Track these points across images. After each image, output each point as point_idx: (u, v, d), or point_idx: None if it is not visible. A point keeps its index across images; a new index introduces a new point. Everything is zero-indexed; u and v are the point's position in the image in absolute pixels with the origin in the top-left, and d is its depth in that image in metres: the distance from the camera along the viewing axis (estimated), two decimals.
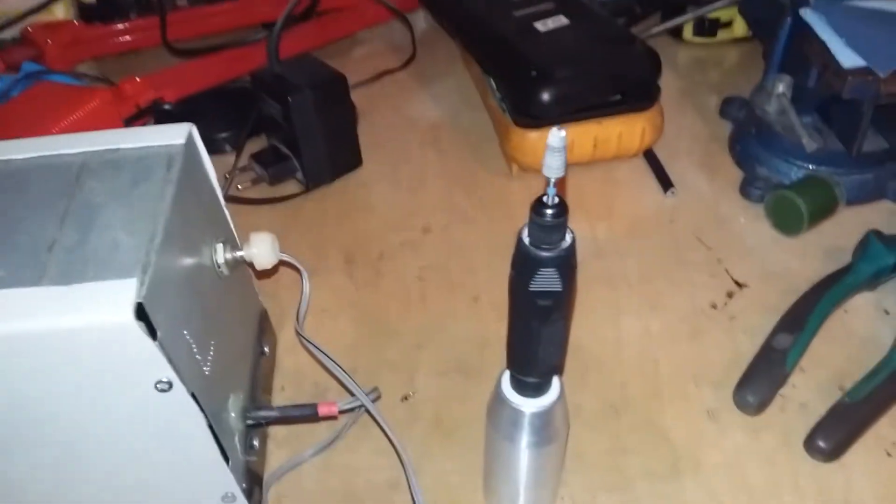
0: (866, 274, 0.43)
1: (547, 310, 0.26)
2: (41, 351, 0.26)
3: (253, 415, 0.35)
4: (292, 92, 0.50)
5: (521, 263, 0.25)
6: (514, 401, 0.30)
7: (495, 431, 0.32)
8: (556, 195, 0.24)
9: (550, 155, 0.23)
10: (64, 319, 0.25)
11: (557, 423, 0.31)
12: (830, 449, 0.37)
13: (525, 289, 0.25)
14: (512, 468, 0.33)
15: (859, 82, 0.45)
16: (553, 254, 0.25)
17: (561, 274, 0.25)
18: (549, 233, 0.24)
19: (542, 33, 0.53)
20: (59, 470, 0.32)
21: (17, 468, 0.31)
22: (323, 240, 0.51)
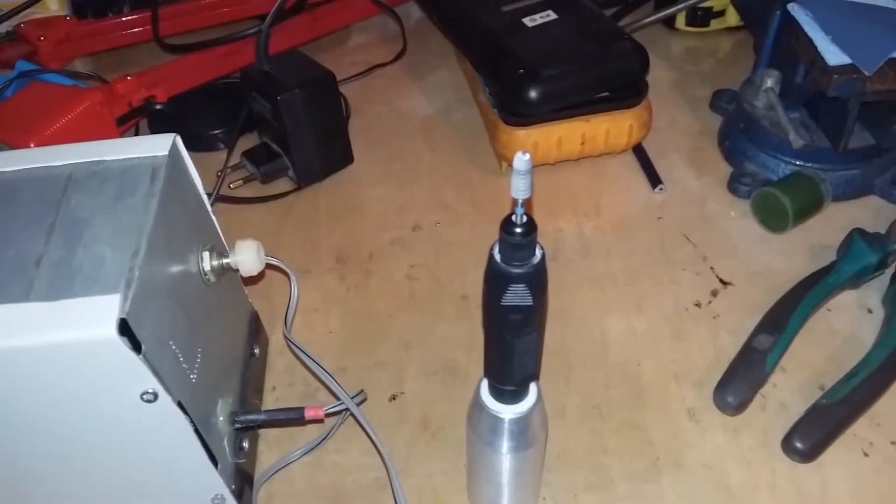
0: (849, 273, 0.44)
1: (519, 323, 0.27)
2: (30, 365, 0.27)
3: (241, 418, 0.36)
4: (281, 91, 0.50)
5: (493, 279, 0.26)
6: (492, 407, 0.31)
7: (476, 437, 0.32)
8: (524, 214, 0.24)
9: (516, 177, 0.23)
10: (51, 335, 0.26)
11: (535, 428, 0.32)
12: (807, 450, 0.37)
13: (497, 303, 0.26)
14: (493, 472, 0.33)
15: (845, 80, 0.45)
16: (523, 270, 0.25)
17: (531, 289, 0.26)
18: (518, 250, 0.25)
19: (530, 29, 0.53)
20: (50, 479, 0.33)
21: (9, 477, 0.32)
22: (314, 239, 0.52)
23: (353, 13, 0.70)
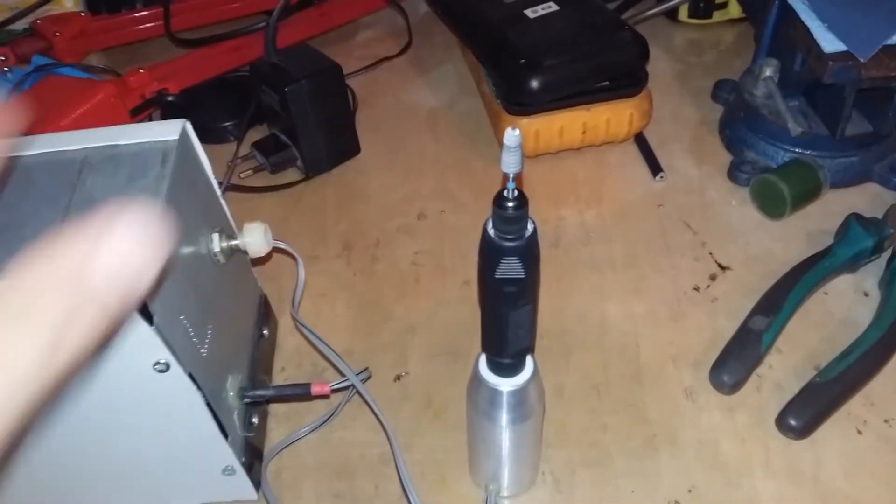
0: (845, 257, 0.45)
1: (513, 295, 0.28)
2: None
3: (250, 393, 0.37)
4: (289, 82, 0.52)
5: (487, 253, 0.27)
6: (490, 381, 0.32)
7: (475, 411, 0.34)
8: (516, 189, 0.25)
9: (507, 153, 0.24)
10: None
11: (532, 400, 0.33)
12: (801, 427, 0.38)
13: (491, 276, 0.27)
14: (493, 445, 0.35)
15: (840, 67, 0.46)
16: (515, 243, 0.26)
17: (523, 262, 0.27)
18: (510, 224, 0.26)
19: (532, 20, 0.54)
20: (64, 448, 0.34)
21: (32, 444, 0.34)
22: (322, 226, 0.53)
23: (360, 7, 0.72)
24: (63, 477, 0.36)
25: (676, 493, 0.37)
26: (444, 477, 0.39)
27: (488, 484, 0.37)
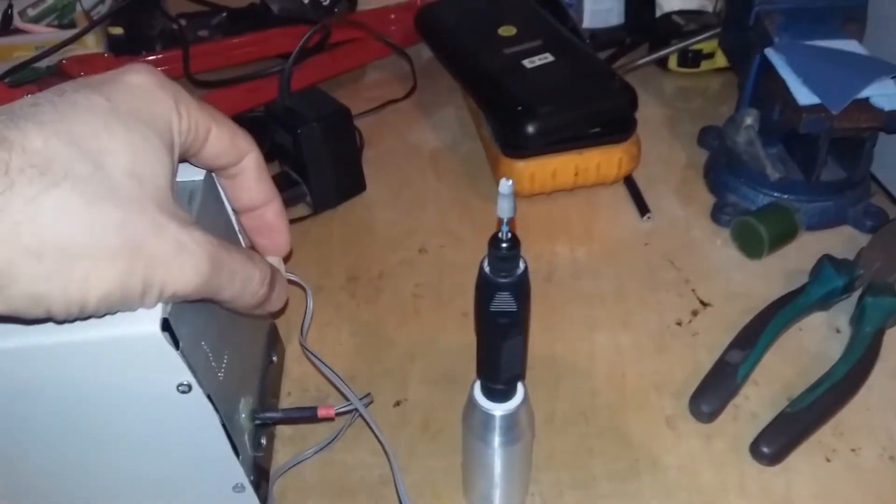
0: (817, 295, 0.48)
1: (505, 327, 0.31)
2: (83, 358, 0.31)
3: (260, 416, 0.40)
4: (301, 124, 0.55)
5: (483, 288, 0.30)
6: (484, 405, 0.35)
7: (470, 433, 0.36)
8: (509, 231, 0.29)
9: (501, 200, 0.27)
10: (104, 331, 0.30)
11: (523, 424, 0.36)
12: (773, 453, 0.41)
13: (486, 309, 0.30)
14: (486, 466, 0.37)
15: (814, 118, 0.50)
16: (508, 280, 0.29)
17: (515, 297, 0.30)
18: (504, 262, 0.29)
19: (529, 70, 0.58)
20: (87, 462, 0.36)
21: (49, 461, 0.36)
22: (328, 259, 0.56)
23: (368, 53, 0.76)
24: (79, 490, 0.38)
25: None
26: (440, 496, 0.41)
27: (480, 503, 0.39)
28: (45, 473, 0.37)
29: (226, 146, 0.33)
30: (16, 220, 0.23)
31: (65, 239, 0.24)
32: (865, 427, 0.43)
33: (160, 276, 0.27)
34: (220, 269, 0.29)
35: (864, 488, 0.40)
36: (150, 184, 0.27)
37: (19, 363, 0.31)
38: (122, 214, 0.26)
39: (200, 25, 0.80)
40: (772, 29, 0.55)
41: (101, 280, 0.25)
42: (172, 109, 0.29)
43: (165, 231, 0.27)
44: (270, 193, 0.37)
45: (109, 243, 0.25)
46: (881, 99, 0.49)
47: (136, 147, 0.27)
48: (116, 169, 0.26)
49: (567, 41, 0.62)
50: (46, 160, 0.24)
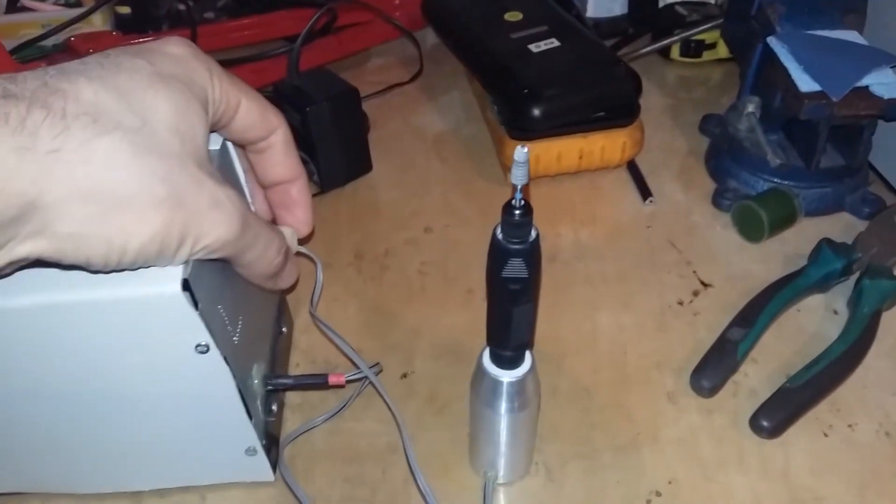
0: (815, 277, 0.49)
1: (516, 293, 0.32)
2: (105, 316, 0.32)
3: (272, 381, 0.41)
4: (310, 103, 0.56)
5: (495, 255, 0.31)
6: (493, 372, 0.36)
7: (477, 400, 0.37)
8: (522, 199, 0.29)
9: (516, 167, 0.28)
10: (129, 290, 0.31)
11: (530, 391, 0.37)
12: (772, 427, 0.42)
13: (498, 275, 0.31)
14: (492, 433, 0.38)
15: (814, 105, 0.51)
16: (520, 246, 0.30)
17: (527, 263, 0.31)
18: (517, 229, 0.30)
19: (535, 54, 0.59)
20: (103, 422, 0.37)
21: (64, 420, 0.37)
22: (335, 237, 0.57)
23: (373, 37, 0.77)
24: (93, 449, 0.39)
25: (657, 484, 0.41)
26: (446, 465, 0.42)
27: (486, 471, 0.40)
28: (60, 432, 0.38)
29: (255, 119, 0.34)
30: (70, 160, 0.24)
31: (113, 185, 0.25)
32: (862, 404, 0.44)
33: (196, 230, 0.28)
34: (247, 229, 0.31)
35: (860, 463, 0.42)
36: (189, 141, 0.28)
37: (40, 320, 0.32)
38: (166, 167, 0.27)
39: (206, 7, 0.80)
40: (774, 18, 0.56)
41: (144, 228, 0.27)
42: (207, 78, 0.30)
43: (203, 186, 0.28)
44: (297, 170, 0.38)
45: (153, 193, 0.26)
46: (880, 87, 0.51)
47: (178, 106, 0.28)
48: (160, 125, 0.27)
49: (573, 27, 0.63)
50: (98, 110, 0.25)
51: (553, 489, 0.41)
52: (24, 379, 0.35)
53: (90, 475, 0.41)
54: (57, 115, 0.24)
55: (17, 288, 0.31)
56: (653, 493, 0.40)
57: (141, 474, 0.41)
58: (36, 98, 0.24)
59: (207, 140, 0.31)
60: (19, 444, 0.39)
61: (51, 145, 0.24)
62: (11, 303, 0.31)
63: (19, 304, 0.31)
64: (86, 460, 0.40)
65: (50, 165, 0.24)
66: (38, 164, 0.24)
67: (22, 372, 0.34)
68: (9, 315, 0.32)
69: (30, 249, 0.26)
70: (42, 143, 0.24)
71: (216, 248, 0.30)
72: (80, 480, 0.41)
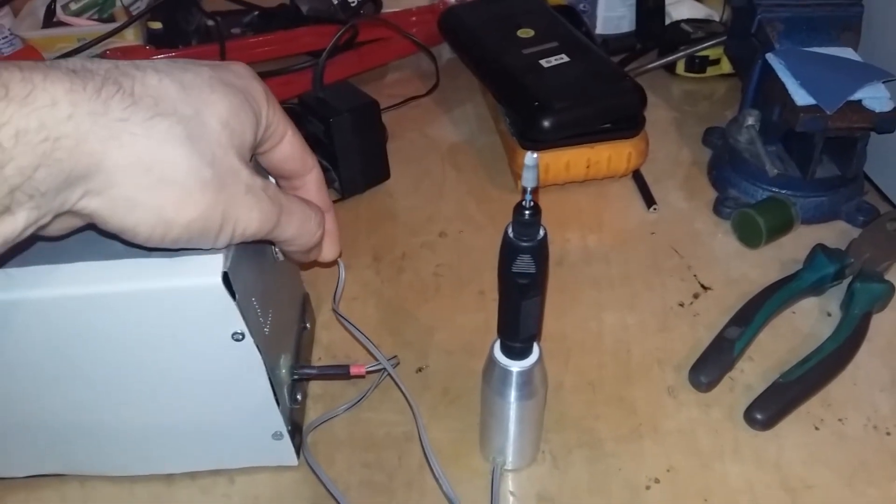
0: (810, 280, 0.51)
1: (525, 287, 0.34)
2: (152, 305, 0.35)
3: (298, 371, 0.44)
4: (333, 114, 0.59)
5: (506, 251, 0.34)
6: (503, 362, 0.39)
7: (488, 389, 0.40)
8: (532, 200, 0.32)
9: (526, 171, 0.31)
10: (171, 281, 0.34)
11: (537, 381, 0.39)
12: (765, 420, 0.45)
13: (509, 270, 0.34)
14: (502, 420, 0.41)
15: (810, 118, 0.54)
16: (529, 244, 0.33)
17: (535, 259, 0.33)
18: (526, 228, 0.33)
19: (546, 69, 0.62)
20: (140, 408, 0.40)
21: (110, 403, 0.40)
22: (355, 240, 0.60)
23: (392, 53, 0.80)
24: (132, 433, 0.42)
25: (657, 472, 0.43)
26: (458, 453, 0.45)
27: (495, 457, 0.43)
28: (100, 417, 0.41)
29: (297, 153, 0.38)
30: (135, 132, 0.28)
31: (168, 162, 0.29)
32: (852, 400, 0.47)
33: (235, 214, 0.31)
34: (281, 210, 0.34)
35: (849, 454, 0.44)
36: (237, 136, 0.31)
37: (87, 309, 0.35)
38: (212, 154, 0.30)
39: (233, 23, 0.84)
40: (773, 36, 0.59)
41: (190, 207, 0.30)
42: (263, 98, 0.34)
43: (242, 175, 0.32)
44: (328, 204, 0.42)
45: (202, 175, 0.30)
46: (872, 101, 0.53)
47: (233, 106, 0.31)
48: (213, 118, 0.30)
49: (582, 43, 0.66)
50: (160, 95, 0.29)
51: (558, 475, 0.44)
52: (69, 365, 0.38)
53: (126, 458, 0.44)
54: (126, 92, 0.28)
55: (66, 278, 0.34)
56: (652, 480, 0.43)
57: (174, 457, 0.44)
58: (109, 76, 0.28)
59: (254, 146, 0.34)
60: (61, 428, 0.41)
61: (120, 115, 0.27)
62: (60, 292, 0.34)
63: (68, 294, 0.34)
64: (123, 444, 0.43)
65: (118, 132, 0.27)
66: (108, 129, 0.27)
67: (67, 359, 0.37)
68: (57, 304, 0.35)
69: (87, 204, 0.28)
70: (113, 112, 0.27)
71: (254, 230, 0.33)
72: (117, 463, 0.44)
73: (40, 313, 0.35)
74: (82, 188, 0.28)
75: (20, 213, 0.26)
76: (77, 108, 0.26)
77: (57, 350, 0.37)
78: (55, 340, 0.36)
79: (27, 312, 0.35)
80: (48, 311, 0.35)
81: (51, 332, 0.36)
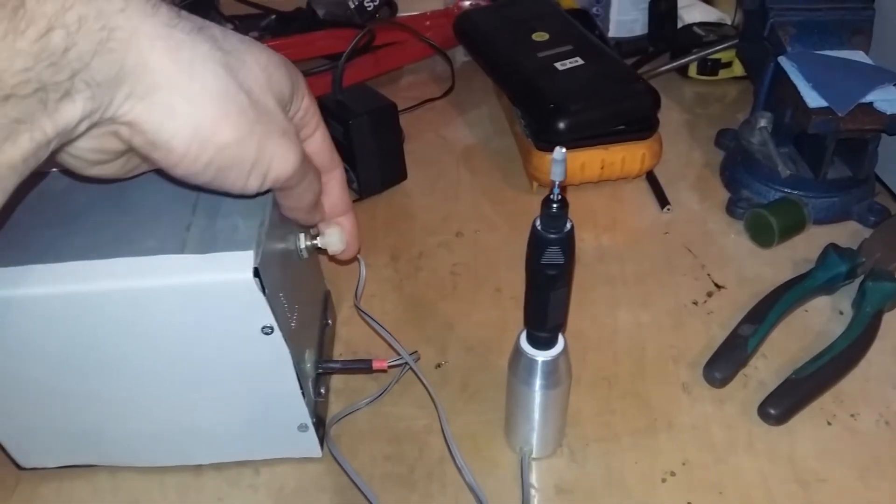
0: (822, 279, 0.52)
1: (554, 278, 0.35)
2: (184, 300, 0.36)
3: (322, 365, 0.45)
4: (352, 116, 0.61)
5: (534, 243, 0.34)
6: (529, 352, 0.40)
7: (515, 378, 0.41)
8: (560, 194, 0.33)
9: (555, 165, 0.32)
10: (203, 277, 0.35)
11: (562, 370, 0.40)
12: (779, 415, 0.45)
13: (538, 262, 0.35)
14: (528, 408, 0.42)
15: (822, 120, 0.54)
16: (557, 236, 0.34)
17: (563, 251, 0.34)
18: (554, 220, 0.33)
19: (561, 72, 0.63)
20: (176, 398, 0.41)
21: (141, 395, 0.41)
22: (373, 240, 0.62)
23: (407, 56, 0.82)
24: (162, 424, 0.43)
25: (672, 465, 0.44)
26: (477, 446, 0.46)
27: (522, 446, 0.44)
28: (131, 409, 0.42)
29: (326, 148, 0.40)
30: (182, 39, 0.29)
31: (209, 78, 0.30)
32: (864, 396, 0.48)
33: (271, 152, 0.33)
34: (303, 163, 0.35)
35: (861, 449, 0.45)
36: (276, 83, 0.33)
37: (123, 303, 0.36)
38: (250, 87, 0.31)
39: (251, 27, 0.86)
40: (785, 39, 0.60)
41: (228, 128, 0.31)
42: (301, 79, 0.36)
43: (279, 118, 0.33)
44: (349, 205, 0.44)
45: (240, 99, 0.31)
46: (883, 104, 0.54)
47: (272, 60, 0.33)
48: (252, 60, 0.32)
49: (596, 47, 0.67)
50: (204, 25, 0.30)
51: (576, 468, 0.45)
52: (104, 358, 0.39)
53: (156, 450, 0.45)
54: (174, 9, 0.29)
55: (102, 274, 0.35)
56: (668, 473, 0.44)
57: (202, 449, 0.45)
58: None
59: (289, 105, 0.35)
60: (94, 420, 0.43)
61: (168, 21, 0.29)
62: (97, 287, 0.36)
63: (104, 289, 0.36)
64: (153, 436, 0.44)
65: (166, 35, 0.28)
66: (157, 29, 0.28)
67: (102, 352, 0.39)
68: (94, 298, 0.36)
69: (130, 109, 0.29)
70: (161, 17, 0.28)
71: (287, 174, 0.34)
72: (147, 454, 0.45)
73: (78, 307, 0.36)
74: (128, 87, 0.28)
75: (78, 100, 0.27)
76: (128, 3, 0.27)
77: (92, 343, 0.38)
78: (91, 334, 0.38)
79: (65, 307, 0.36)
80: (85, 305, 0.36)
81: (87, 326, 0.37)
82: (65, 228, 0.37)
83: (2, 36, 0.24)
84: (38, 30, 0.25)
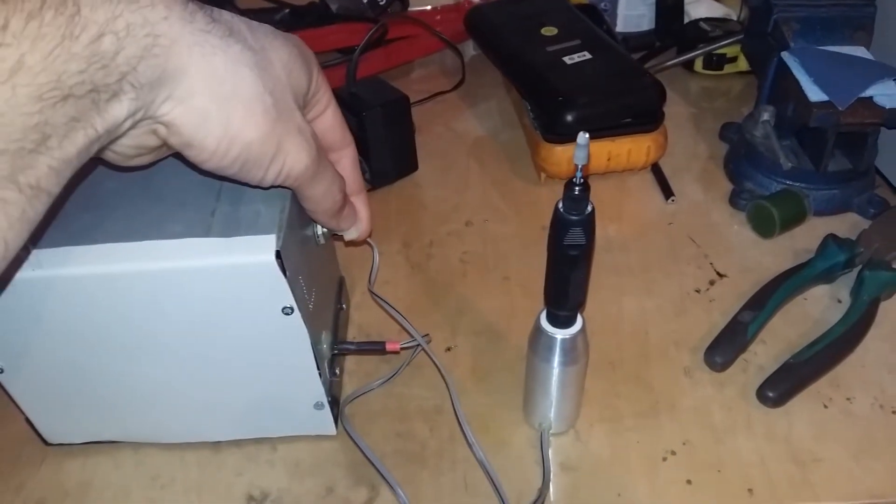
0: (821, 268, 0.54)
1: (576, 258, 0.37)
2: (209, 282, 0.38)
3: (338, 346, 0.47)
4: (366, 109, 0.63)
5: (557, 225, 0.36)
6: (549, 330, 0.41)
7: (535, 356, 0.43)
8: (582, 177, 0.35)
9: (578, 149, 0.33)
10: (229, 259, 0.37)
11: (580, 348, 0.42)
12: (776, 397, 0.47)
13: (560, 243, 0.36)
14: (547, 384, 0.43)
15: (823, 114, 0.56)
16: (579, 217, 0.35)
17: (584, 232, 0.36)
18: (576, 202, 0.35)
19: (569, 66, 0.65)
20: (198, 377, 0.43)
21: (164, 374, 0.43)
22: (385, 228, 0.63)
23: (418, 50, 0.83)
24: (184, 402, 0.45)
25: (673, 445, 0.46)
26: (486, 425, 0.48)
27: (541, 422, 0.46)
28: (154, 388, 0.44)
29: (337, 125, 0.41)
30: (215, 44, 0.31)
31: (238, 81, 0.32)
32: (860, 380, 0.49)
33: (287, 148, 0.35)
34: (319, 160, 0.37)
35: (856, 431, 0.47)
36: (295, 80, 0.35)
37: (149, 285, 0.38)
38: (274, 86, 0.34)
39: (264, 21, 0.87)
40: (788, 35, 0.62)
41: (252, 128, 0.33)
42: (314, 61, 0.38)
43: (296, 116, 0.35)
44: (361, 184, 0.45)
45: (265, 100, 0.33)
46: (883, 98, 0.56)
47: (292, 54, 0.35)
48: (275, 56, 0.34)
49: (603, 41, 0.69)
50: (232, 26, 0.32)
51: (581, 447, 0.47)
52: (130, 337, 0.41)
53: (177, 426, 0.47)
54: (207, 12, 0.31)
55: (132, 255, 0.37)
56: (669, 452, 0.46)
57: (222, 426, 0.47)
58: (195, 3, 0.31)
59: (305, 98, 0.37)
60: (117, 398, 0.45)
61: (204, 27, 0.31)
62: (126, 268, 0.37)
63: (133, 269, 0.38)
64: (174, 413, 0.46)
65: (203, 41, 0.30)
66: (194, 36, 0.30)
67: (128, 331, 0.40)
68: (123, 279, 0.38)
69: (169, 110, 0.31)
70: (198, 23, 0.30)
71: (300, 170, 0.36)
72: (168, 431, 0.47)
73: (110, 287, 0.38)
74: (168, 90, 0.30)
75: (125, 101, 0.29)
76: (171, 12, 0.29)
77: (122, 322, 0.40)
78: (121, 313, 0.40)
79: (99, 286, 0.38)
80: (117, 285, 0.38)
81: (118, 305, 0.39)
82: (98, 213, 0.39)
83: (60, 41, 0.26)
84: (91, 35, 0.27)
